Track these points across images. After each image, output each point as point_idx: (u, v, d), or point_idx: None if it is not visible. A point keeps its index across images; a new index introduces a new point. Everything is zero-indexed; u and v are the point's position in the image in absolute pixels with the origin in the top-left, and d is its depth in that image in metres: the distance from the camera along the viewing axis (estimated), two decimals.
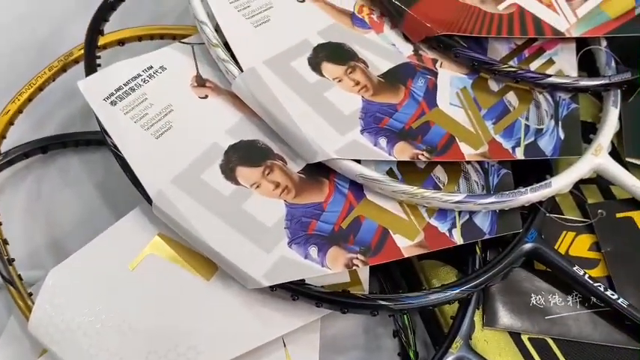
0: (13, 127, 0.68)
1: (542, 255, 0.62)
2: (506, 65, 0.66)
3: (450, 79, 0.66)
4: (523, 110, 0.66)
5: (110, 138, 0.60)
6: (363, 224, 0.59)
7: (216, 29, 0.64)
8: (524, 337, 0.61)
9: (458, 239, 0.60)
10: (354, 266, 0.57)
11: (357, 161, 0.60)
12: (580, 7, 0.71)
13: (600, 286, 0.60)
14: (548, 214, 0.64)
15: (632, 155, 0.68)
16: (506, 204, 0.60)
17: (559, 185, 0.62)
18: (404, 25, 0.67)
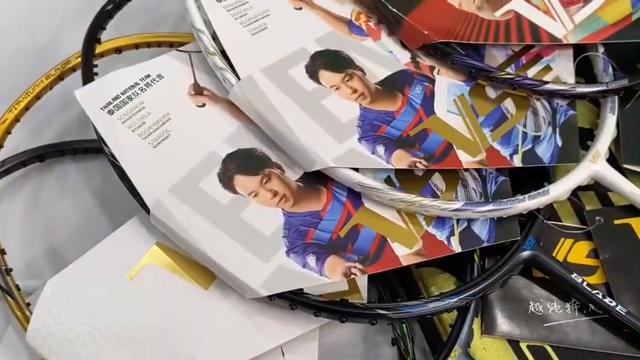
0: (10, 135, 0.68)
1: (541, 262, 0.62)
2: (504, 72, 0.66)
3: (448, 86, 0.66)
4: (520, 117, 0.66)
5: (107, 147, 0.60)
6: (361, 233, 0.59)
7: (214, 37, 0.64)
8: (522, 345, 0.61)
9: (456, 247, 0.60)
10: (352, 275, 0.57)
11: (355, 169, 0.60)
12: (577, 13, 0.71)
13: (598, 294, 0.60)
14: (546, 221, 0.64)
15: (629, 162, 0.68)
16: (504, 211, 0.60)
17: (557, 192, 0.62)
18: (401, 33, 0.67)
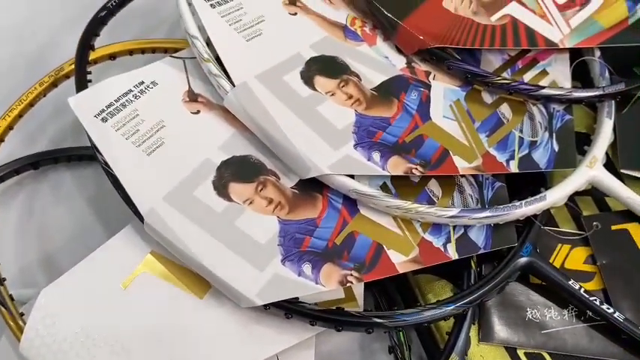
0: (3, 143, 0.67)
1: (538, 269, 0.61)
2: (500, 77, 0.65)
3: (444, 91, 0.66)
4: (517, 122, 0.66)
5: (101, 155, 0.59)
6: (357, 240, 0.58)
7: (208, 43, 0.64)
8: (520, 352, 0.61)
9: (453, 254, 0.60)
10: (348, 283, 0.56)
11: (351, 176, 0.59)
12: (573, 17, 0.70)
13: (596, 300, 0.60)
14: (543, 227, 0.64)
15: (626, 167, 0.67)
16: (501, 218, 0.60)
17: (554, 198, 0.61)
18: (397, 38, 0.67)
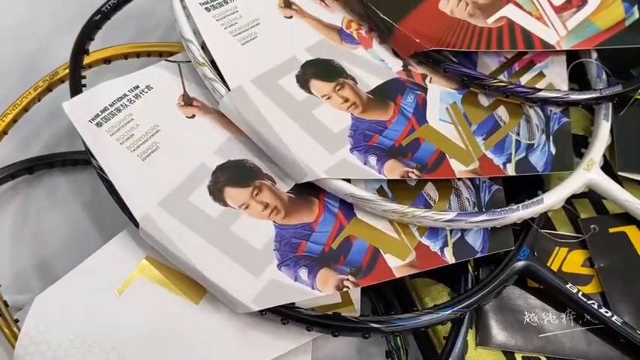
0: None
1: (535, 273, 0.61)
2: (496, 80, 0.65)
3: (440, 94, 0.66)
4: (514, 125, 0.66)
5: (96, 160, 0.59)
6: (353, 244, 0.58)
7: (203, 47, 0.64)
8: (517, 356, 0.60)
9: (450, 258, 0.59)
10: (344, 288, 0.56)
11: (347, 180, 0.59)
12: (570, 19, 0.70)
13: (594, 304, 0.59)
14: (540, 230, 0.63)
15: (624, 169, 0.67)
16: (498, 221, 0.60)
17: (551, 201, 0.61)
18: (393, 41, 0.66)
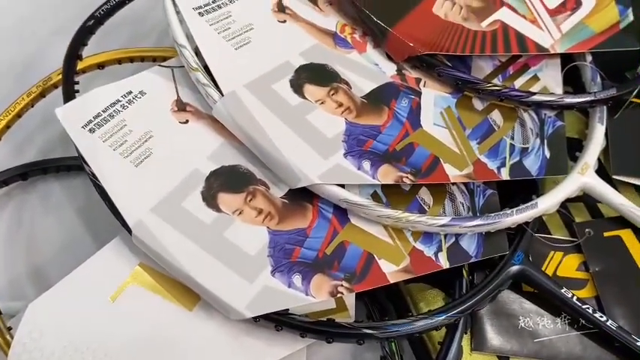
0: None
1: (530, 277, 0.61)
2: (491, 84, 0.65)
3: (434, 98, 0.65)
4: (508, 129, 0.66)
5: (89, 166, 0.59)
6: (347, 250, 0.58)
7: (196, 52, 0.63)
8: None
9: (444, 263, 0.59)
10: (338, 294, 0.56)
11: (341, 185, 0.59)
12: (564, 22, 0.70)
13: (589, 308, 0.59)
14: (535, 234, 0.63)
15: (619, 172, 0.67)
16: (492, 226, 0.60)
17: (545, 206, 0.61)
18: (387, 45, 0.66)
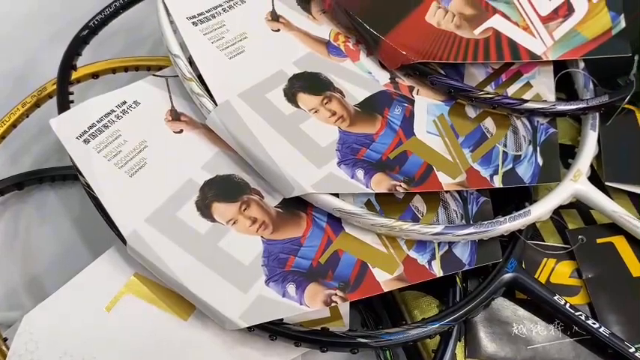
0: None
1: (523, 284, 0.61)
2: (483, 92, 0.65)
3: (427, 106, 0.66)
4: (501, 136, 0.66)
5: (83, 177, 0.59)
6: (341, 259, 0.58)
7: (190, 61, 0.64)
8: None
9: (437, 271, 0.59)
10: (332, 303, 0.56)
11: (335, 194, 0.59)
12: (557, 29, 0.70)
13: (581, 315, 0.60)
14: (528, 241, 0.64)
15: (611, 179, 0.67)
16: (485, 234, 0.60)
17: (538, 213, 0.61)
18: (380, 53, 0.66)
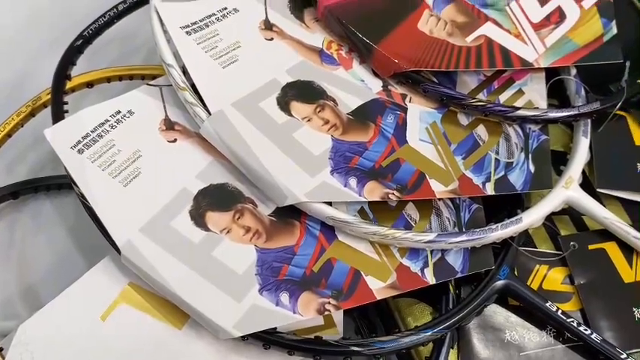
0: None
1: (515, 291, 0.61)
2: (475, 99, 0.65)
3: (420, 114, 0.66)
4: (493, 144, 0.66)
5: (78, 187, 0.59)
6: (334, 267, 0.58)
7: (184, 70, 0.64)
8: None
9: (430, 279, 0.60)
10: (326, 312, 0.56)
11: (328, 202, 0.59)
12: (549, 35, 0.70)
13: (573, 322, 0.60)
14: (520, 248, 0.64)
15: (603, 186, 0.67)
16: (477, 241, 0.60)
17: (530, 220, 0.62)
18: (372, 62, 0.67)
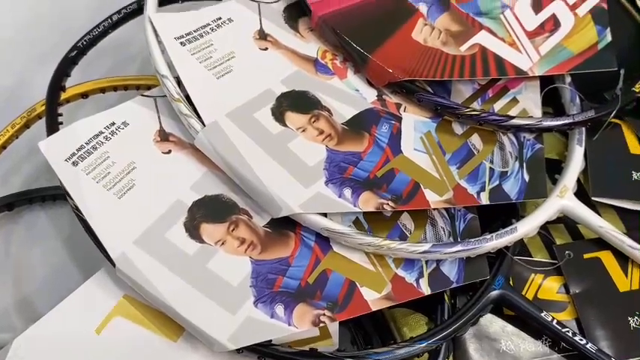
0: None
1: (510, 301, 0.62)
2: (469, 109, 0.65)
3: (414, 123, 0.66)
4: (487, 153, 0.66)
5: (72, 200, 0.59)
6: (329, 278, 0.58)
7: (179, 81, 0.64)
8: None
9: (425, 289, 0.60)
10: (321, 324, 0.56)
11: (323, 213, 0.59)
12: (543, 44, 0.70)
13: (568, 332, 0.60)
14: (515, 257, 0.64)
15: (598, 194, 0.67)
16: (472, 251, 0.60)
17: (525, 230, 0.62)
18: (367, 71, 0.67)
